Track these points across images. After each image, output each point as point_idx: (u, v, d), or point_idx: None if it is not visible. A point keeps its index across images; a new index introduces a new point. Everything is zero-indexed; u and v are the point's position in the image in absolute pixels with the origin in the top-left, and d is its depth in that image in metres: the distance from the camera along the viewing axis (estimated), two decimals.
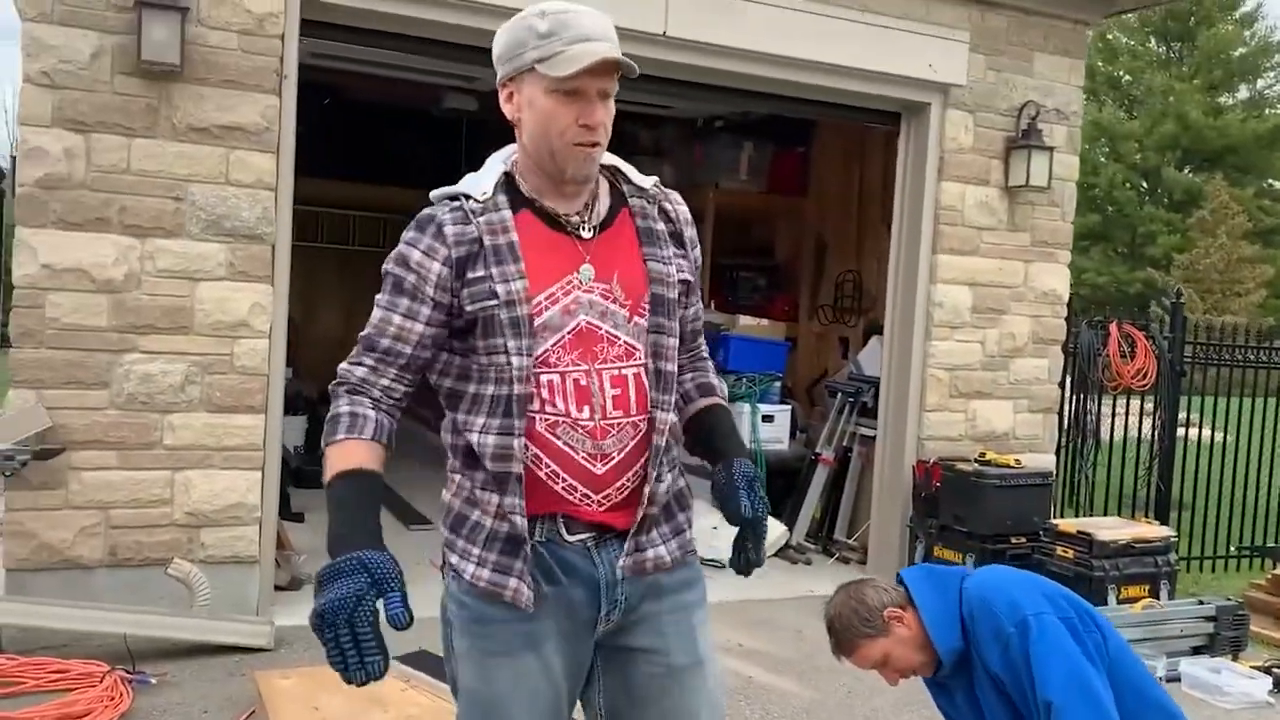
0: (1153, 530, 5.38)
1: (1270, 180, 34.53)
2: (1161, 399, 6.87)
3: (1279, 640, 5.40)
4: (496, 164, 1.85)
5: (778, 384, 7.29)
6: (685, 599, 1.91)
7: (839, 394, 6.89)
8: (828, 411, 7.01)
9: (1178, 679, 4.65)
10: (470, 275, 1.74)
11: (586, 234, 1.81)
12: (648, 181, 1.93)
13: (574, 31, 1.71)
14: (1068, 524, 5.37)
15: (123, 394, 4.43)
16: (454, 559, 1.84)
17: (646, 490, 1.80)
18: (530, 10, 1.75)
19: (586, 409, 1.77)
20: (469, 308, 1.74)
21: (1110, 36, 34.39)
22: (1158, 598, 5.14)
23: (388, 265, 1.79)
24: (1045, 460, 6.29)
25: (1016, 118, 6.09)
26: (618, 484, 1.79)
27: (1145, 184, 35.21)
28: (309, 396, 8.28)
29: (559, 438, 1.76)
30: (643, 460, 1.80)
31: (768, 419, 7.00)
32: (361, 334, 1.80)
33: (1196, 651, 4.96)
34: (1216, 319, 24.91)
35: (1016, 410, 6.32)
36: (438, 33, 4.96)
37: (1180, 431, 7.74)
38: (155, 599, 4.39)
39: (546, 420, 1.75)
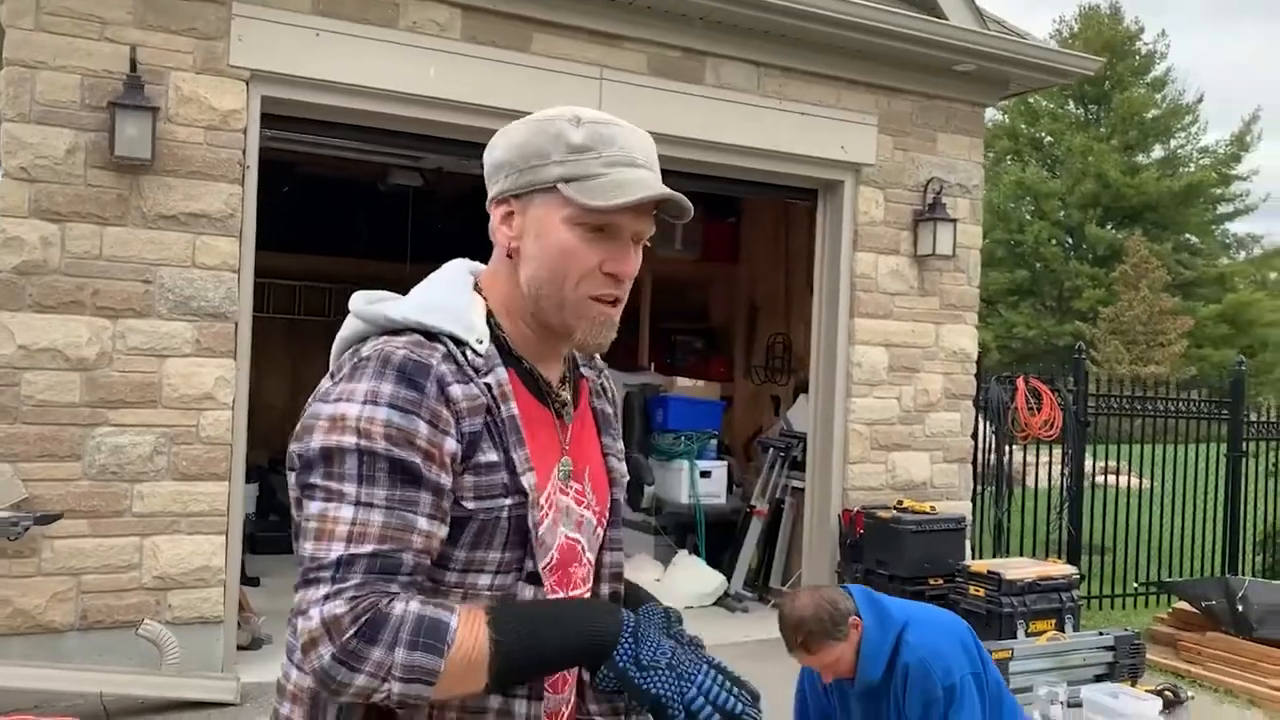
0: (1057, 569, 5.84)
1: (1186, 235, 36.10)
2: (1069, 448, 7.39)
3: (1174, 668, 5.88)
4: (468, 292, 1.37)
5: (714, 441, 7.72)
6: None
7: (770, 449, 7.32)
8: (762, 466, 7.44)
9: (1079, 704, 5.07)
10: (480, 459, 1.26)
11: (568, 418, 1.40)
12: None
13: (619, 151, 1.31)
14: (979, 565, 5.82)
15: (94, 465, 4.71)
16: None
17: None
18: (558, 112, 1.34)
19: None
20: (468, 504, 1.25)
21: (1031, 100, 35.94)
22: (1063, 630, 5.58)
23: (372, 443, 1.20)
24: (961, 507, 6.76)
25: (922, 192, 6.66)
26: None
27: (1070, 240, 36.58)
28: (259, 464, 8.53)
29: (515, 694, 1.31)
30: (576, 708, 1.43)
31: (705, 475, 7.41)
32: (352, 552, 1.18)
33: (1098, 678, 5.40)
34: (1142, 369, 25.95)
35: (933, 461, 6.80)
36: (384, 122, 5.38)
37: (1101, 479, 8.30)
38: (125, 659, 4.64)
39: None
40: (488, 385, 1.29)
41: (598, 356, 1.53)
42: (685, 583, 7.03)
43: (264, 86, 5.02)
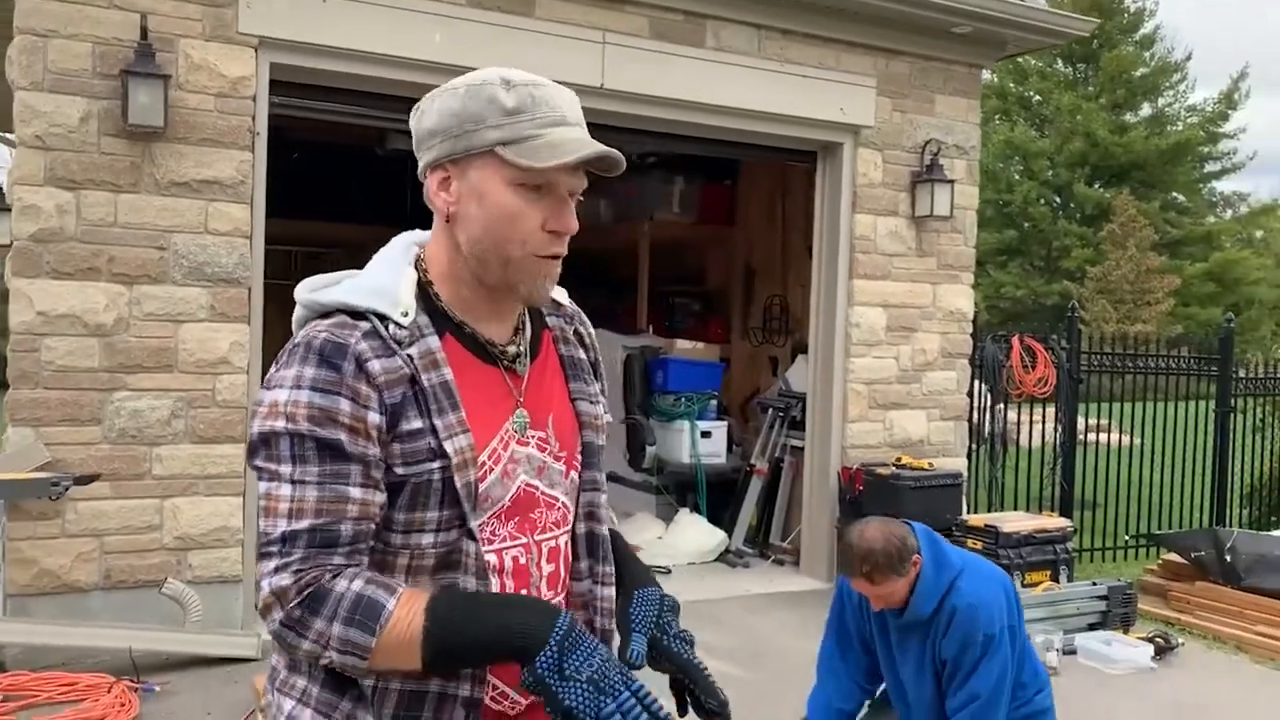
0: (1052, 522, 6.01)
1: (1174, 194, 36.23)
2: (1062, 405, 7.55)
3: (1164, 616, 6.07)
4: (401, 265, 1.42)
5: (714, 402, 7.85)
6: None
7: (770, 409, 7.45)
8: (761, 426, 7.57)
9: (1074, 651, 5.27)
10: (404, 428, 1.32)
11: (521, 369, 1.45)
12: (562, 295, 1.57)
13: (550, 111, 1.35)
14: (976, 519, 5.98)
15: (114, 429, 4.80)
16: None
17: None
18: (486, 75, 1.37)
19: (523, 593, 1.42)
20: (399, 470, 1.32)
21: (1020, 59, 35.87)
22: (1057, 581, 5.76)
23: (297, 425, 1.28)
24: (957, 463, 6.91)
25: (920, 154, 6.74)
26: None
27: (1058, 199, 36.67)
28: None
29: None
30: None
31: (706, 435, 7.55)
32: (293, 527, 1.27)
33: (1092, 627, 5.59)
34: (1129, 328, 26.17)
35: (930, 419, 6.94)
36: (390, 88, 5.41)
37: (1093, 436, 8.48)
38: (147, 618, 4.76)
39: None
40: (410, 356, 1.34)
41: (569, 303, 1.59)
42: (687, 540, 7.18)
43: (273, 53, 5.06)
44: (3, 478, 4.00)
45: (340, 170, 9.66)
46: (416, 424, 1.32)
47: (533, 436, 1.43)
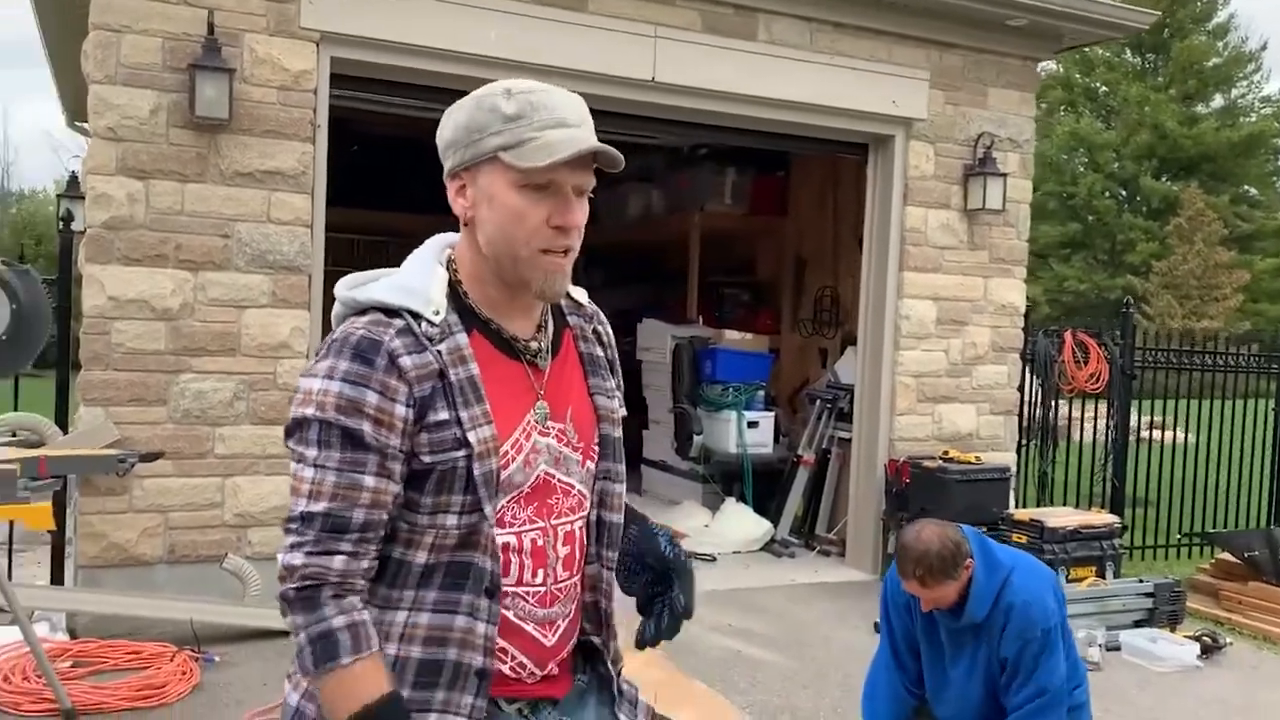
0: (1099, 518, 5.98)
1: (1245, 187, 35.32)
2: (1114, 401, 7.48)
3: (1214, 615, 6.01)
4: (432, 265, 1.52)
5: (761, 392, 7.89)
6: (652, 709, 1.77)
7: (818, 401, 7.48)
8: (809, 417, 7.61)
9: (1118, 647, 5.25)
10: (431, 419, 1.42)
11: (543, 363, 1.54)
12: (582, 294, 1.68)
13: (548, 114, 1.43)
14: (1022, 513, 5.97)
15: (179, 410, 5.00)
16: None
17: (610, 652, 1.67)
18: (491, 88, 1.48)
19: (540, 572, 1.52)
20: (426, 458, 1.42)
21: (1087, 49, 35.20)
22: (1103, 577, 5.74)
23: (325, 413, 1.39)
24: (1006, 458, 6.89)
25: (973, 147, 6.72)
26: (560, 656, 1.58)
27: (1124, 192, 35.95)
28: None
29: (508, 609, 1.50)
30: (578, 624, 1.61)
31: (753, 425, 7.61)
32: (310, 508, 1.39)
33: (1138, 624, 5.56)
34: (1195, 324, 25.61)
35: (979, 413, 6.92)
36: (446, 82, 5.51)
37: (1148, 434, 8.37)
38: (208, 591, 4.95)
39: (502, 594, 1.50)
40: (440, 352, 1.43)
41: (588, 303, 1.68)
42: (733, 529, 7.25)
43: (334, 48, 5.21)
44: (74, 454, 4.20)
45: (398, 162, 9.82)
46: (444, 415, 1.42)
47: (553, 428, 1.53)
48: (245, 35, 5.03)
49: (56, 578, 5.22)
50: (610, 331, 1.72)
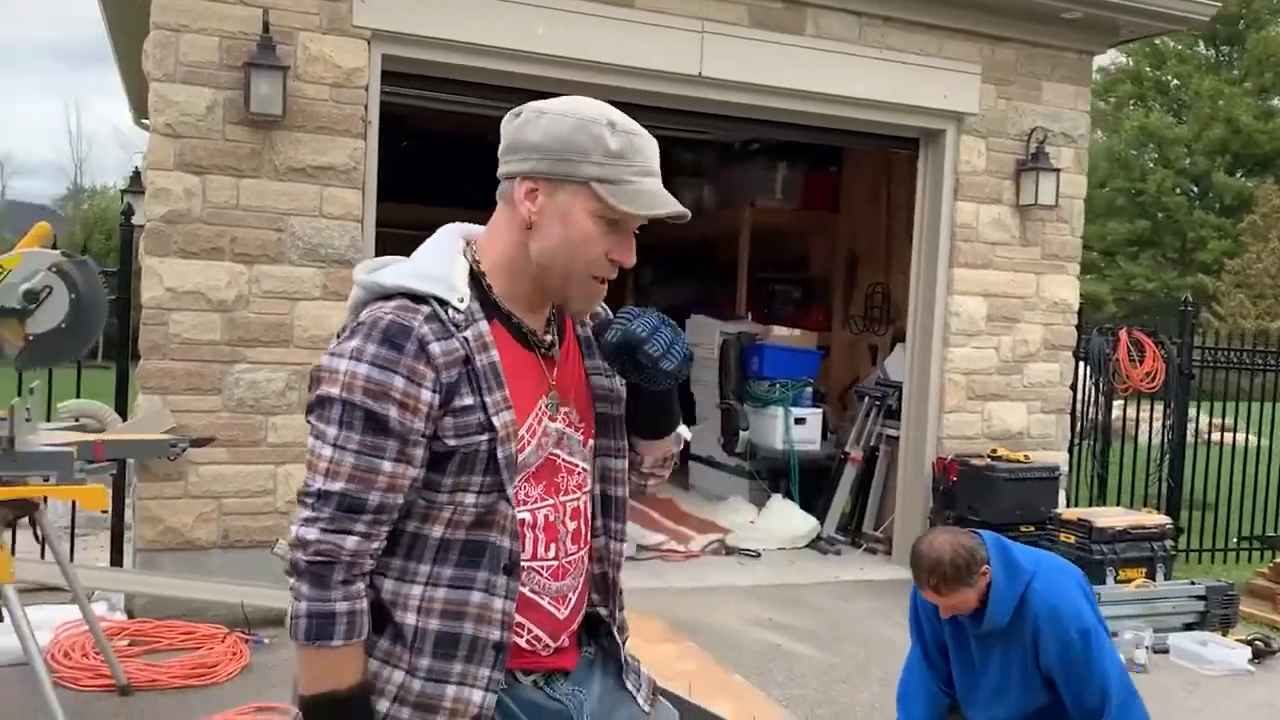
0: (1150, 519, 5.88)
1: None
2: (1171, 401, 7.33)
3: (1270, 620, 5.88)
4: (454, 255, 1.56)
5: (809, 389, 7.87)
6: (654, 681, 1.81)
7: (866, 398, 7.45)
8: (857, 415, 7.57)
9: (1166, 650, 5.16)
10: (457, 404, 1.46)
11: (555, 356, 1.62)
12: None
13: (644, 162, 1.51)
14: (1071, 513, 5.90)
15: (233, 399, 5.14)
16: None
17: (617, 622, 1.73)
18: (594, 114, 1.51)
19: (553, 547, 1.58)
20: (450, 442, 1.46)
21: (1158, 41, 34.38)
22: (1153, 579, 5.64)
23: (350, 395, 1.42)
24: (1056, 457, 6.79)
25: (1026, 142, 6.63)
26: (572, 627, 1.64)
27: (1195, 189, 35.08)
28: None
29: (525, 584, 1.55)
30: (585, 596, 1.67)
31: (800, 421, 7.59)
32: (327, 487, 1.43)
33: (1188, 627, 5.46)
34: (1269, 324, 24.90)
35: (1030, 411, 6.83)
36: (495, 78, 5.62)
37: (1219, 436, 8.19)
38: (260, 576, 5.08)
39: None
40: (466, 339, 1.47)
41: None
42: (779, 525, 7.25)
43: (385, 45, 5.32)
44: (127, 438, 4.35)
45: (448, 157, 9.94)
46: (469, 400, 1.46)
47: (562, 413, 1.60)
48: (299, 33, 5.15)
49: (116, 560, 5.41)
50: (606, 309, 1.77)
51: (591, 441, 1.66)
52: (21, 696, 3.87)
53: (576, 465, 1.62)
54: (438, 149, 9.62)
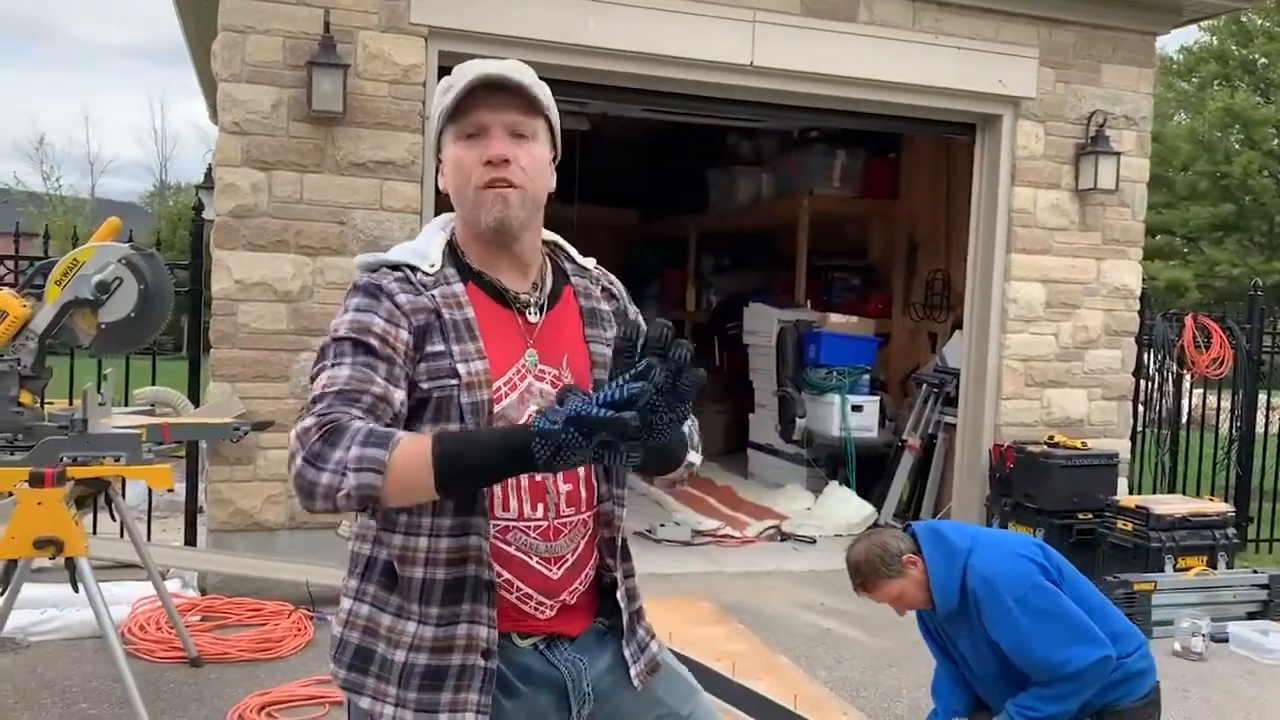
0: (1211, 506, 5.78)
1: None
2: (1240, 389, 7.17)
3: None
4: (436, 231, 1.71)
5: (866, 376, 7.86)
6: (657, 658, 1.81)
7: (924, 385, 7.42)
8: (914, 402, 7.55)
9: (1226, 639, 5.09)
10: (429, 349, 1.58)
11: (534, 316, 1.68)
12: (589, 262, 1.83)
13: (470, 73, 1.60)
14: (1129, 500, 5.83)
15: (299, 386, 5.33)
16: (364, 702, 1.62)
17: (623, 590, 1.74)
18: None
19: (540, 507, 1.63)
20: (424, 385, 1.57)
21: (1245, 19, 33.22)
22: (1214, 567, 5.55)
23: (338, 332, 1.57)
24: (1118, 444, 6.70)
25: (1085, 125, 6.54)
26: (571, 588, 1.67)
27: None
28: None
29: (511, 543, 1.61)
30: (594, 562, 1.71)
31: (857, 409, 7.60)
32: (324, 392, 1.51)
33: (1251, 616, 5.37)
34: None
35: (1091, 398, 6.75)
36: (550, 72, 5.64)
37: None
38: (326, 556, 5.28)
39: (497, 526, 1.60)
40: (434, 295, 1.60)
41: (596, 268, 1.82)
42: (835, 512, 7.27)
43: (441, 42, 5.46)
44: (192, 421, 4.56)
45: None
46: (440, 347, 1.58)
47: (547, 373, 1.66)
48: (359, 32, 5.32)
49: (190, 540, 5.66)
50: (621, 286, 1.86)
51: None
52: (99, 666, 4.11)
53: None
54: None
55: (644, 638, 1.78)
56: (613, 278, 1.86)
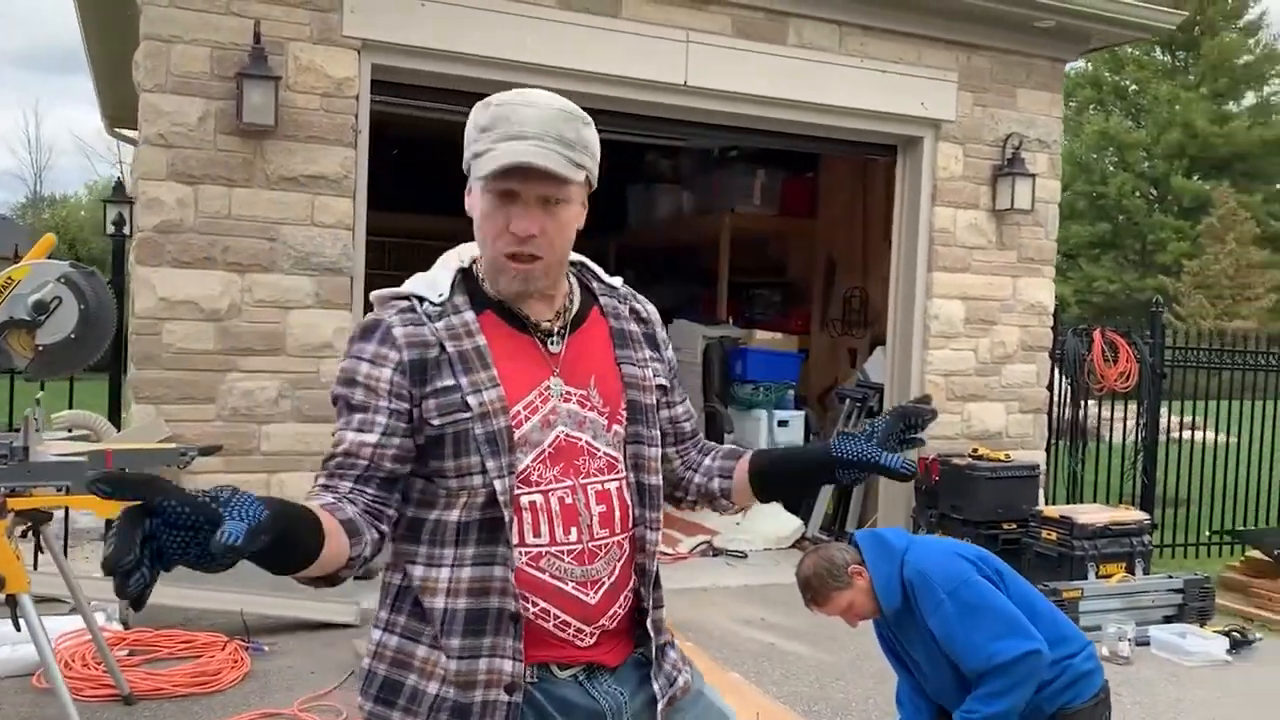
0: (1129, 515, 6.03)
1: (1278, 186, 34.96)
2: (1145, 400, 7.51)
3: (1244, 611, 6.04)
4: (452, 261, 1.68)
5: (791, 392, 7.98)
6: (693, 686, 1.79)
7: (847, 400, 7.57)
8: (838, 417, 7.69)
9: (1147, 642, 5.30)
10: (437, 385, 1.55)
11: (555, 346, 1.64)
12: (617, 281, 1.79)
13: (509, 127, 1.51)
14: (1052, 510, 6.03)
15: (227, 407, 5.16)
16: None
17: (651, 621, 1.68)
18: (485, 100, 1.58)
19: (574, 530, 1.59)
20: (435, 421, 1.54)
21: (1117, 48, 34.99)
22: (1133, 573, 5.78)
23: (335, 389, 1.59)
24: (1035, 456, 6.94)
25: (1002, 148, 6.78)
26: (610, 612, 1.62)
27: (1154, 191, 35.69)
28: None
29: (544, 570, 1.57)
30: (631, 586, 1.66)
31: (783, 424, 7.70)
32: (330, 453, 1.57)
33: (1167, 620, 5.60)
34: (1227, 324, 25.41)
35: (1008, 411, 6.99)
36: (484, 88, 5.59)
37: (1186, 434, 8.38)
38: (256, 584, 5.09)
39: (527, 554, 1.56)
40: (438, 328, 1.57)
41: (623, 287, 1.79)
42: (764, 526, 7.34)
43: (374, 55, 5.37)
44: (139, 447, 4.36)
45: (439, 166, 9.91)
46: (448, 382, 1.54)
47: (573, 394, 1.62)
48: (290, 44, 5.19)
49: None
50: (651, 308, 1.82)
51: (619, 428, 1.66)
52: (21, 708, 3.87)
53: (599, 449, 1.63)
54: (430, 158, 9.61)
55: (671, 671, 1.73)
56: (641, 299, 1.82)
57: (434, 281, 1.62)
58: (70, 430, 4.98)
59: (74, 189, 41.61)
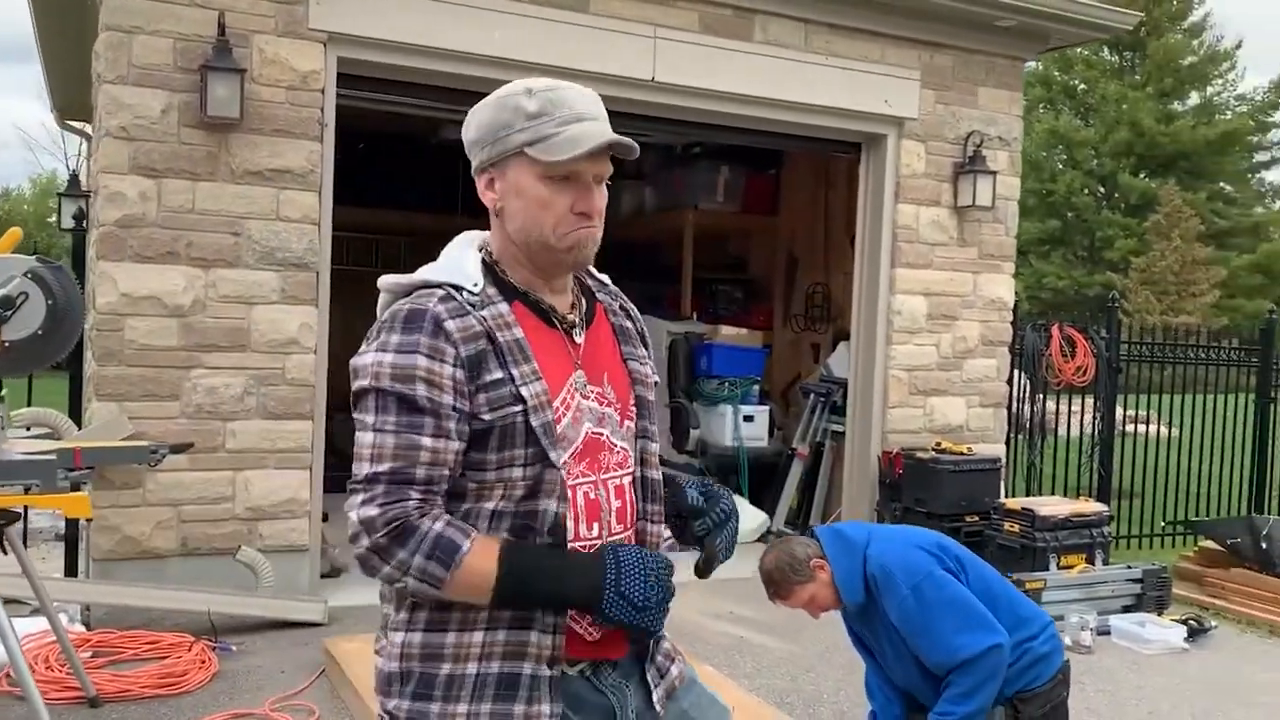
0: (1089, 507, 6.14)
1: (1221, 184, 35.76)
2: (1101, 394, 7.65)
3: (1199, 600, 6.19)
4: (470, 251, 1.65)
5: (756, 387, 8.03)
6: (687, 675, 1.84)
7: (811, 394, 7.62)
8: (802, 411, 7.75)
9: (1108, 632, 5.41)
10: (486, 378, 1.52)
11: (578, 338, 1.66)
12: (605, 278, 1.82)
13: (568, 110, 1.56)
14: (1013, 502, 6.13)
15: (191, 404, 5.08)
16: None
17: None
18: (512, 88, 1.60)
19: (595, 525, 1.61)
20: (486, 416, 1.51)
21: (1067, 48, 35.52)
22: (1093, 564, 5.90)
23: (381, 383, 1.50)
24: (996, 449, 7.05)
25: (963, 145, 6.87)
26: None
27: (1102, 189, 36.32)
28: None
29: None
30: None
31: (748, 419, 7.74)
32: (374, 470, 1.49)
33: (1126, 609, 5.72)
34: (1172, 320, 25.93)
35: (969, 405, 7.08)
36: (452, 82, 5.64)
37: (1134, 427, 8.56)
38: (220, 583, 5.03)
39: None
40: (483, 317, 1.55)
41: (610, 283, 1.81)
42: None
43: (340, 48, 5.30)
44: (108, 445, 4.28)
45: (405, 160, 9.82)
46: (498, 374, 1.53)
47: (592, 391, 1.65)
48: (255, 36, 5.12)
49: (70, 570, 5.30)
50: (635, 309, 1.86)
51: (630, 423, 1.70)
52: None
53: (616, 444, 1.67)
54: (397, 152, 9.53)
55: (663, 663, 1.77)
56: (625, 297, 1.85)
57: (465, 270, 1.60)
58: (29, 428, 4.87)
59: (16, 183, 40.58)
